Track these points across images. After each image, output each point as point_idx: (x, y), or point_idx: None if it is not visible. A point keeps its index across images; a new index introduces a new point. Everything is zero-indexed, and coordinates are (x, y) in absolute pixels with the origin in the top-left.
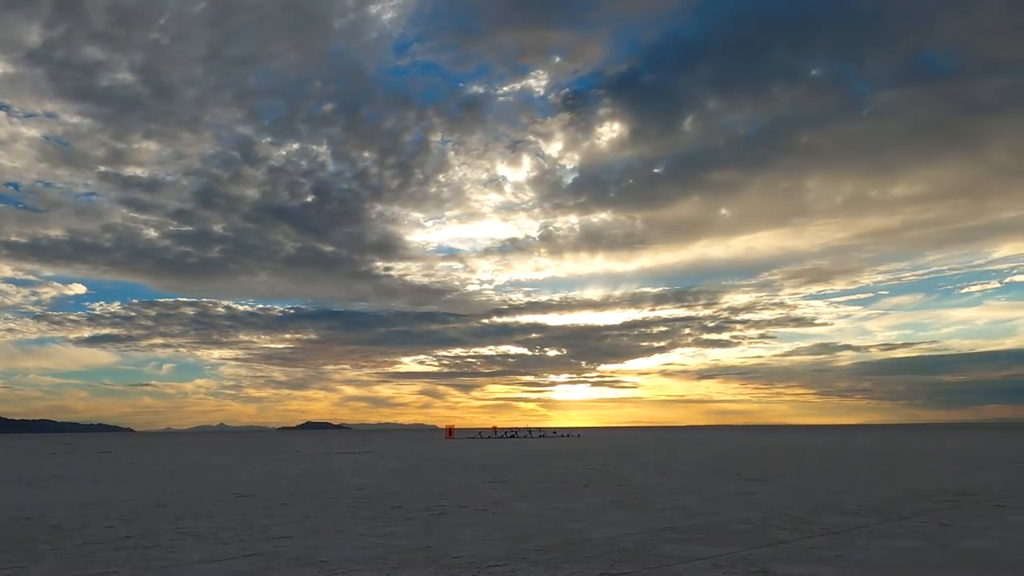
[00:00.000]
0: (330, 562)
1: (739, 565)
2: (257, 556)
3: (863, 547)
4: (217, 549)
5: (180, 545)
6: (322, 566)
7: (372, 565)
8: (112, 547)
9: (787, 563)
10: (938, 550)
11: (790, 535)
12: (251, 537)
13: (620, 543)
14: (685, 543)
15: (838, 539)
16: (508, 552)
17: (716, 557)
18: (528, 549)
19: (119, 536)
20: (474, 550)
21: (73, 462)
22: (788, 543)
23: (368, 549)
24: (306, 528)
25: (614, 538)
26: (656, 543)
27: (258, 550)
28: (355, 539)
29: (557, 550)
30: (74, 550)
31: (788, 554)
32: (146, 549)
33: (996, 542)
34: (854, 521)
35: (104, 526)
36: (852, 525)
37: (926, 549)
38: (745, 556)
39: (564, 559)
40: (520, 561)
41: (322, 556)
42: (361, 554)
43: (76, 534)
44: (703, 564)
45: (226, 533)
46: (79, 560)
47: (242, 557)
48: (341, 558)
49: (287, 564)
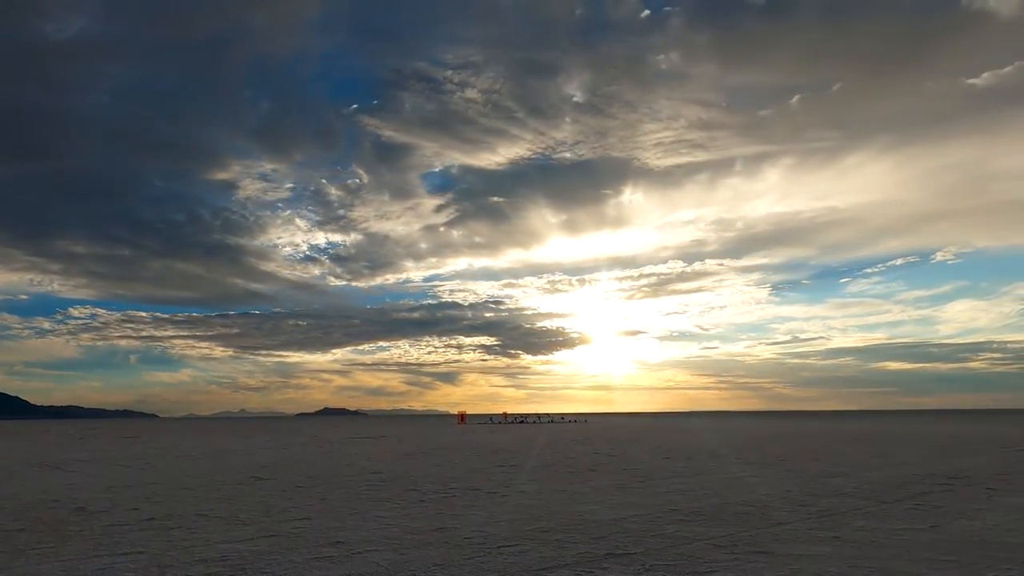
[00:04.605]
0: (347, 542)
1: (740, 545)
2: (276, 537)
3: (859, 528)
4: (238, 530)
5: (202, 526)
6: (339, 546)
7: (387, 546)
8: (137, 528)
9: (786, 543)
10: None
11: (789, 516)
12: (270, 519)
13: (626, 524)
14: (689, 524)
15: (835, 520)
16: (518, 533)
17: (718, 538)
18: (537, 530)
19: (144, 517)
20: (485, 531)
21: (98, 447)
22: (787, 524)
23: (383, 530)
24: (323, 510)
25: (620, 519)
26: (661, 524)
27: (277, 531)
28: (371, 521)
29: (565, 531)
30: (100, 531)
31: (787, 535)
32: (170, 530)
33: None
34: (852, 503)
35: (129, 508)
36: (849, 507)
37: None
38: (746, 536)
39: (572, 540)
40: (529, 541)
41: (339, 537)
42: (377, 535)
43: (102, 516)
44: (706, 545)
45: (246, 515)
46: (106, 540)
47: (262, 537)
48: (357, 539)
49: (305, 544)
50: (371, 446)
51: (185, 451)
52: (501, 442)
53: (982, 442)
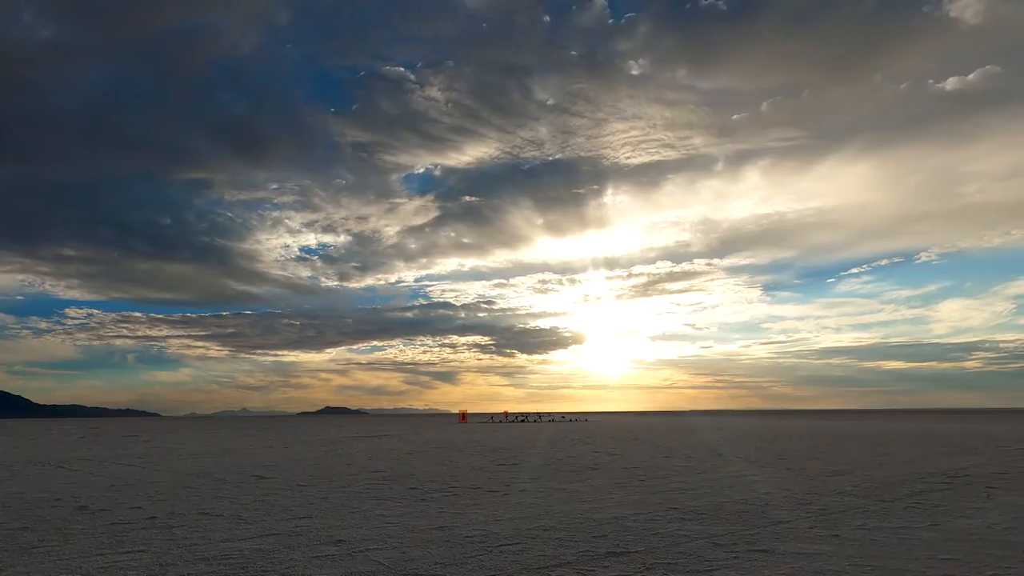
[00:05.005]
0: (348, 541)
1: (740, 544)
2: (278, 535)
3: (859, 527)
4: (240, 528)
5: (205, 524)
6: (341, 545)
7: (389, 544)
8: (140, 526)
9: (786, 542)
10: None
11: (789, 515)
12: (272, 517)
13: (626, 523)
14: (689, 522)
15: (835, 519)
16: (518, 531)
17: (718, 536)
18: (537, 528)
19: (146, 516)
20: (486, 530)
21: (101, 445)
22: (787, 523)
23: (385, 529)
24: (325, 508)
25: (620, 518)
26: (661, 523)
27: (279, 529)
28: (372, 519)
29: (566, 529)
30: (103, 529)
31: (787, 533)
32: (172, 528)
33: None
34: (851, 502)
35: (132, 506)
36: (849, 506)
37: (919, 528)
38: (746, 535)
39: (572, 538)
40: (530, 540)
41: (340, 536)
42: (378, 533)
43: (105, 514)
44: (706, 543)
45: (248, 513)
46: (108, 539)
47: (264, 536)
48: (359, 537)
49: (307, 543)
50: (372, 445)
51: (187, 450)
52: (502, 441)
53: (980, 441)
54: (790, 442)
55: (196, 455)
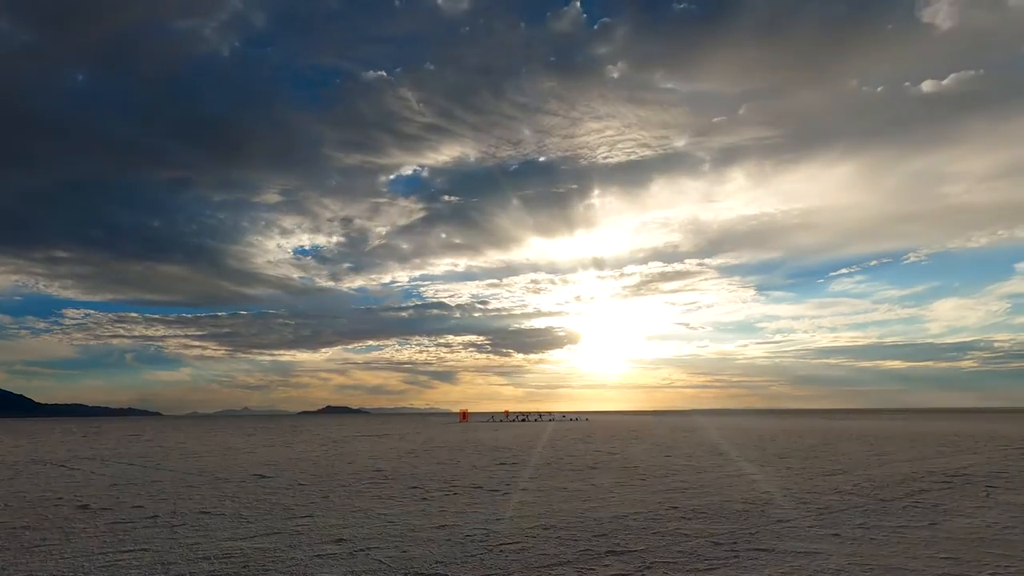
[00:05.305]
0: (349, 540)
1: (740, 542)
2: (280, 534)
3: (859, 526)
4: (242, 527)
5: (206, 523)
6: (342, 544)
7: (390, 543)
8: (142, 525)
9: (786, 540)
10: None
11: (789, 514)
12: (274, 516)
13: (627, 521)
14: (689, 521)
15: (835, 518)
16: (519, 530)
17: (718, 535)
18: (538, 527)
19: (148, 515)
20: (487, 528)
21: (102, 444)
22: (787, 522)
23: (386, 528)
24: (326, 507)
25: (621, 516)
26: (661, 521)
27: (280, 528)
28: (373, 518)
29: (566, 528)
30: (105, 528)
31: (787, 532)
32: (174, 527)
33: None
34: (851, 501)
35: (133, 505)
36: (849, 505)
37: (918, 528)
38: (746, 534)
39: (573, 537)
40: (531, 539)
41: (342, 534)
42: (379, 532)
43: (107, 513)
44: (706, 542)
45: (250, 512)
46: (110, 538)
47: (265, 535)
48: (360, 536)
49: (308, 542)
50: (373, 444)
51: (189, 449)
52: (503, 440)
53: (979, 440)
54: (789, 441)
55: (197, 454)
